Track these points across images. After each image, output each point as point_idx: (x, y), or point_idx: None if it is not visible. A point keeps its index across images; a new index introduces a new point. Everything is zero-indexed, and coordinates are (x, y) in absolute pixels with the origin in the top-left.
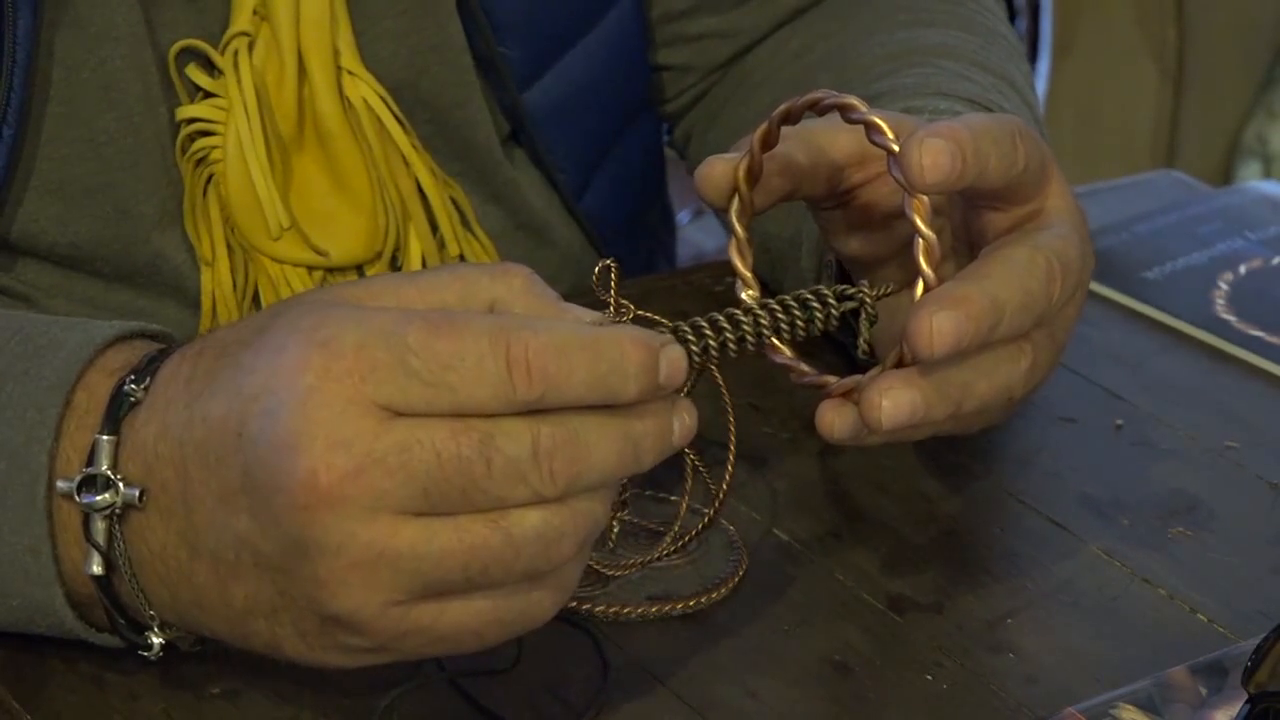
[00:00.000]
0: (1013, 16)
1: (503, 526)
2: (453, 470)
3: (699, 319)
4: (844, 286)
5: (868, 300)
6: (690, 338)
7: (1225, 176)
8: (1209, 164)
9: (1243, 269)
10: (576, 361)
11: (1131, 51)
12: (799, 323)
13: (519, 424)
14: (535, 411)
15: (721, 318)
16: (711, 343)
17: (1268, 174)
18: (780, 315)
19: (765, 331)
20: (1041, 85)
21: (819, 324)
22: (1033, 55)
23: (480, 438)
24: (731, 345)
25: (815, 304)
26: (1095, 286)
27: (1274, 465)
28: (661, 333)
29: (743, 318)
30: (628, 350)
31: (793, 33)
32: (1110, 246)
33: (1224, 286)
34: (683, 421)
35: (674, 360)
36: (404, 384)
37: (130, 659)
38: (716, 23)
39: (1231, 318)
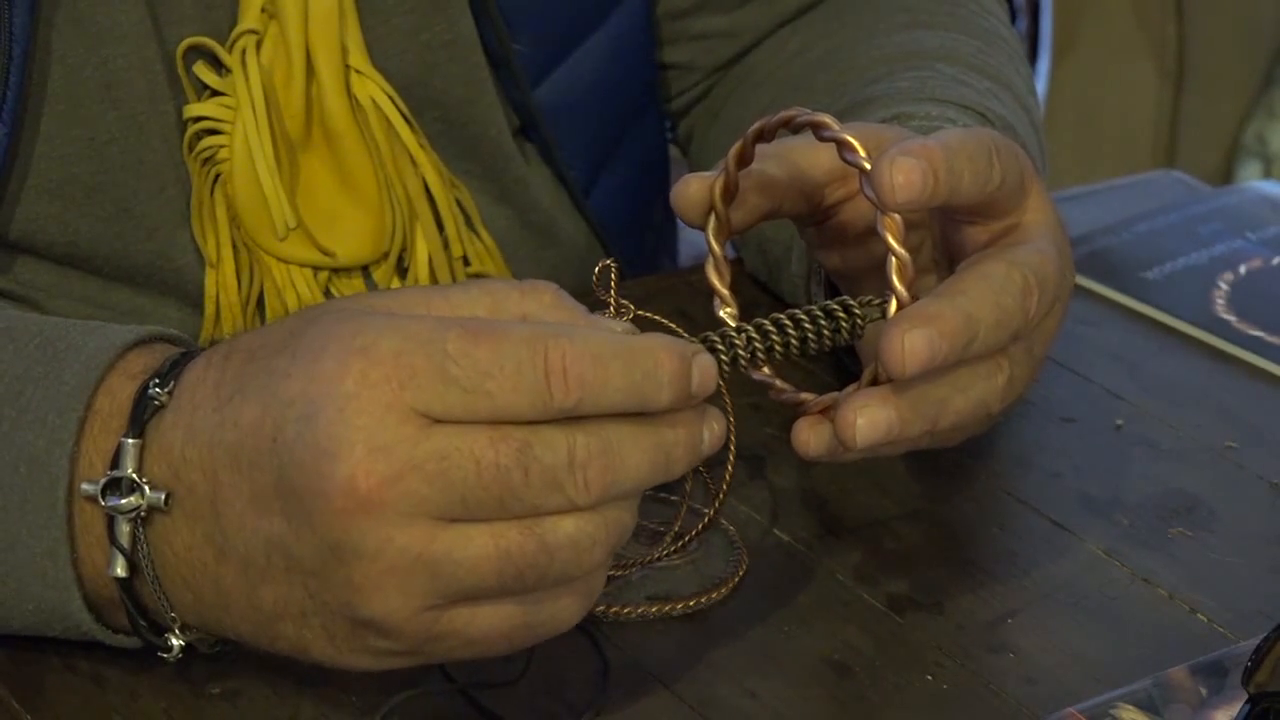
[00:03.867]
0: (1013, 16)
1: (537, 533)
2: (490, 478)
3: (728, 329)
4: (869, 297)
5: (891, 311)
6: (720, 347)
7: (1225, 176)
8: (1209, 164)
9: (1243, 269)
10: (612, 369)
11: (1131, 51)
12: (825, 333)
13: (556, 433)
14: (570, 419)
15: (750, 328)
16: (741, 352)
17: (1268, 174)
18: (808, 326)
19: (794, 342)
20: (1041, 85)
21: (844, 335)
22: (1033, 55)
23: (518, 446)
24: (760, 355)
25: (841, 314)
26: (1095, 286)
27: (1274, 465)
28: (691, 341)
29: (771, 328)
30: (661, 359)
31: (793, 32)
32: (1110, 246)
33: (1224, 286)
34: (712, 430)
35: (705, 369)
36: (442, 391)
37: (130, 659)
38: (720, 22)
39: (1231, 318)
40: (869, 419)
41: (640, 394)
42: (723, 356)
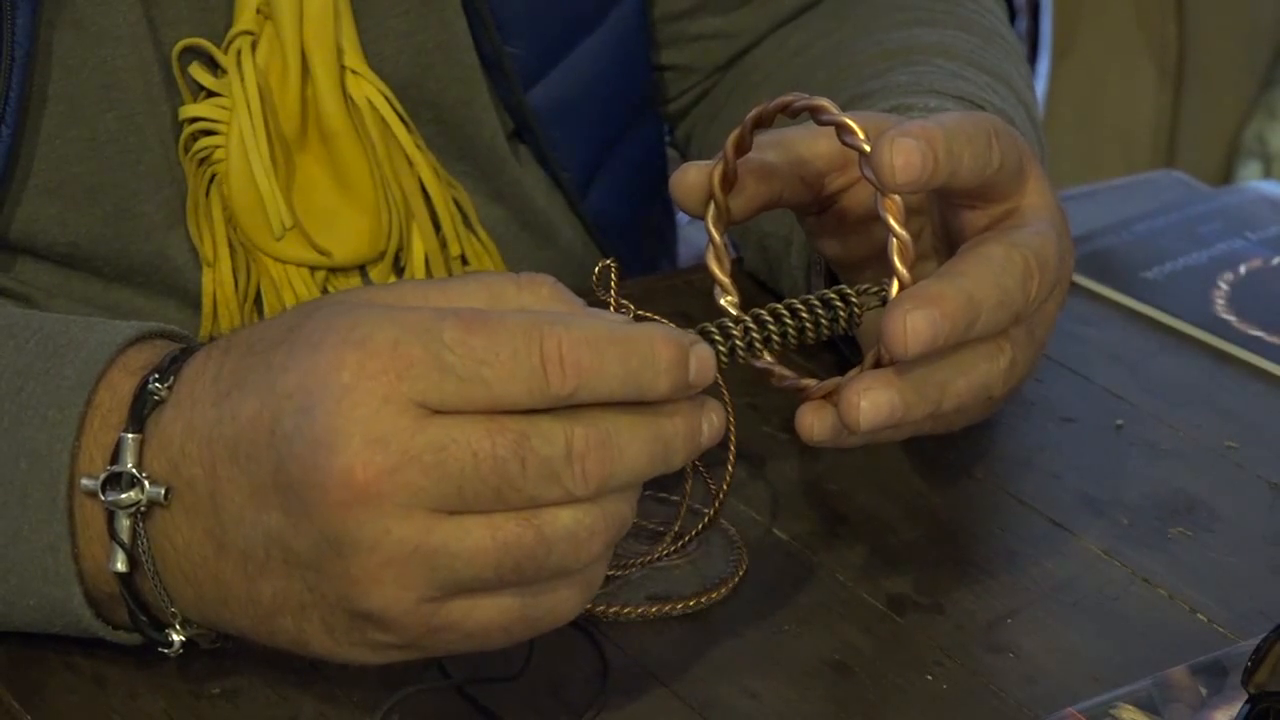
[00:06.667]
0: (1013, 16)
1: (535, 525)
2: (488, 469)
3: (725, 319)
4: (865, 285)
5: (889, 299)
6: (717, 337)
7: (1225, 176)
8: (1209, 164)
9: (1243, 269)
10: (609, 356)
11: (1131, 51)
12: (823, 323)
13: (553, 424)
14: (568, 408)
15: (748, 319)
16: (739, 343)
17: (1268, 174)
18: (805, 316)
19: (791, 332)
20: (1041, 85)
21: (842, 324)
22: (1033, 55)
23: (515, 437)
24: (758, 345)
25: (839, 304)
26: (1095, 286)
27: (1274, 465)
28: (688, 332)
29: (768, 318)
30: (659, 346)
31: (792, 31)
32: (1110, 246)
33: (1224, 286)
34: (711, 422)
35: (703, 358)
36: (439, 380)
37: (130, 658)
38: (718, 23)
39: (1231, 318)
40: (872, 401)
41: (638, 382)
42: (720, 347)
